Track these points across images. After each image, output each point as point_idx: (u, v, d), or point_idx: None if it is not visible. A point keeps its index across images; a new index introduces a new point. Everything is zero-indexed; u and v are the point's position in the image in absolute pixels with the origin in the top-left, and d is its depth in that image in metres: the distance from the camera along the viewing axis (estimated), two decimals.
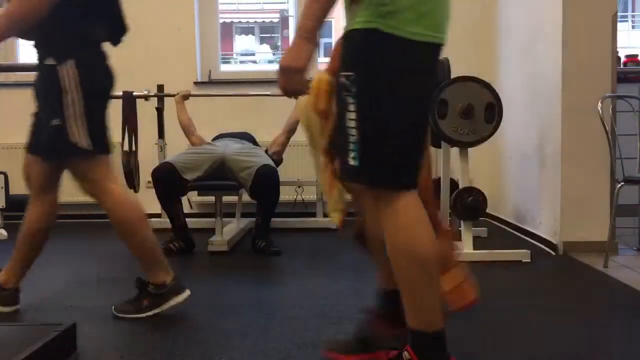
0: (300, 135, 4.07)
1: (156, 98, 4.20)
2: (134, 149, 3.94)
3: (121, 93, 4.02)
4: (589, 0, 3.23)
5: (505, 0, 4.26)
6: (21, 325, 1.99)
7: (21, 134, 4.62)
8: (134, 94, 4.02)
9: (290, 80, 1.49)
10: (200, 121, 4.23)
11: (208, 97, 4.59)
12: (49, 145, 2.11)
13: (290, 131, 3.86)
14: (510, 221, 4.08)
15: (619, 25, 3.41)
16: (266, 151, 3.74)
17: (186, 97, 4.02)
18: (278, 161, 3.79)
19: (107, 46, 2.23)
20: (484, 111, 3.11)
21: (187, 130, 3.90)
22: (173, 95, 4.05)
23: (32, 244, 2.26)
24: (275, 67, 1.50)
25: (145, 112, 4.26)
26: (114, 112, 4.00)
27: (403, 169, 1.48)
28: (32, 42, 2.15)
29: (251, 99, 4.63)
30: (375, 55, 1.43)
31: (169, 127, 4.14)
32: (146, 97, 4.11)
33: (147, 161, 4.03)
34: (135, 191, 4.02)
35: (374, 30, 1.41)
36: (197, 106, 4.31)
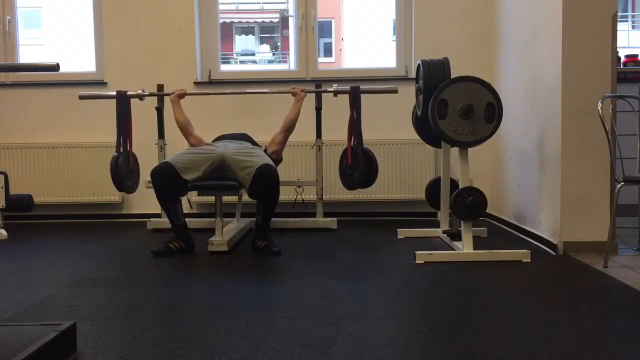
0: (300, 136, 4.09)
1: (155, 97, 4.20)
2: (128, 149, 3.94)
3: (114, 93, 4.03)
4: (589, 0, 3.23)
5: (506, 1, 4.26)
6: (21, 325, 1.98)
7: (21, 134, 4.68)
8: (128, 93, 4.02)
9: None
10: (200, 122, 4.23)
11: (207, 98, 4.59)
12: None
13: (288, 130, 3.83)
14: (510, 221, 4.08)
15: (619, 25, 3.41)
16: (265, 150, 3.73)
17: (182, 95, 3.97)
18: (278, 160, 3.79)
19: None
20: (484, 111, 3.11)
21: (185, 129, 3.84)
22: (169, 94, 4.02)
23: None
24: (275, 67, 1.51)
25: (145, 111, 4.27)
26: (110, 112, 4.04)
27: None
28: None
29: (251, 99, 4.63)
30: None
31: (169, 127, 4.14)
32: (140, 97, 4.09)
33: (147, 161, 4.04)
34: (128, 192, 4.04)
35: None
36: (197, 107, 4.31)
